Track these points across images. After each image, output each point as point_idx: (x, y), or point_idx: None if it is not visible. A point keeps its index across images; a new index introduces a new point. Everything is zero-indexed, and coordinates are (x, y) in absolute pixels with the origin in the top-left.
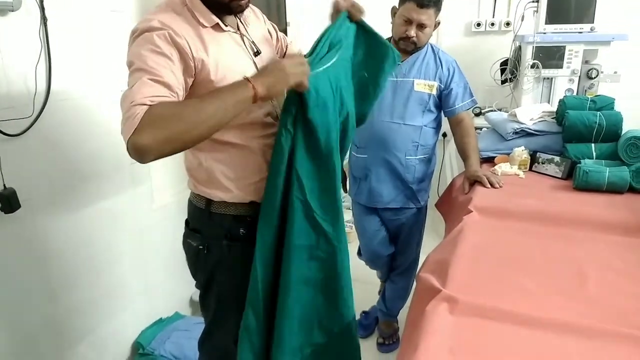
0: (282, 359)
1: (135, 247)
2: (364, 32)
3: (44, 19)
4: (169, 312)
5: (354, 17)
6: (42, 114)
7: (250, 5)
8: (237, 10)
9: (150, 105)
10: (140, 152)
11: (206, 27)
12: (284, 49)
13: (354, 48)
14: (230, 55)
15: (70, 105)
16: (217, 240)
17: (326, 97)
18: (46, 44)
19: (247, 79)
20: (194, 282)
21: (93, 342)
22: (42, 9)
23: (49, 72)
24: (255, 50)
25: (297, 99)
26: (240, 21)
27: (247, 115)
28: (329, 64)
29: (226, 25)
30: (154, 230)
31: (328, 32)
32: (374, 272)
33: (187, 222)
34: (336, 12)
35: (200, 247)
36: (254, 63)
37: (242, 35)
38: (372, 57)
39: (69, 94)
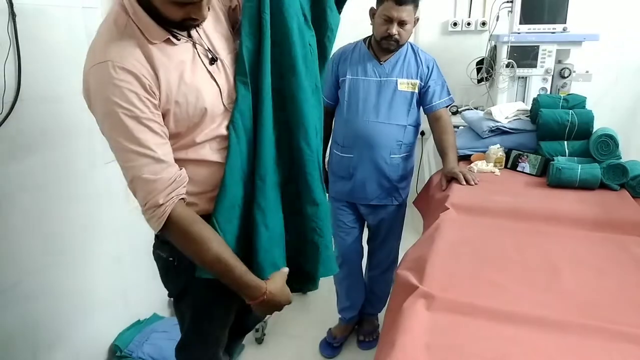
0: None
1: (112, 248)
2: None
3: (12, 15)
4: (147, 313)
5: None
6: (12, 114)
7: None
8: (191, 28)
9: (170, 206)
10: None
11: (155, 43)
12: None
13: None
14: (182, 74)
15: (41, 104)
16: None
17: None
18: (15, 41)
19: (263, 291)
20: None
21: (69, 344)
22: (11, 4)
23: (18, 70)
24: (211, 57)
25: None
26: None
27: (208, 133)
28: None
29: (178, 39)
30: (130, 231)
31: None
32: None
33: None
34: None
35: (170, 258)
36: (210, 74)
37: (194, 44)
38: None
39: (39, 93)
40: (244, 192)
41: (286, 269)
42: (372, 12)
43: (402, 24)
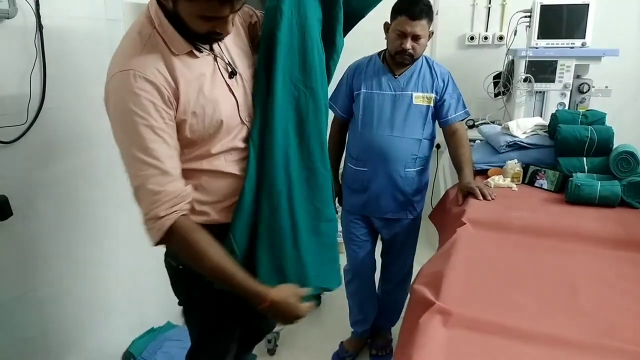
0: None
1: (127, 255)
2: None
3: (39, 27)
4: (160, 321)
5: None
6: (36, 122)
7: None
8: (214, 41)
9: (170, 220)
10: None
11: (177, 55)
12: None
13: None
14: (201, 86)
15: (64, 113)
16: None
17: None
18: (41, 52)
19: (265, 298)
20: None
21: (83, 351)
22: (38, 16)
23: (43, 80)
24: (231, 70)
25: None
26: None
27: (224, 144)
28: None
29: (201, 51)
30: (146, 238)
31: None
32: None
33: None
34: None
35: (180, 267)
36: (228, 87)
37: (215, 57)
38: None
39: (63, 102)
40: (262, 209)
41: (301, 290)
42: (387, 27)
43: (416, 38)
